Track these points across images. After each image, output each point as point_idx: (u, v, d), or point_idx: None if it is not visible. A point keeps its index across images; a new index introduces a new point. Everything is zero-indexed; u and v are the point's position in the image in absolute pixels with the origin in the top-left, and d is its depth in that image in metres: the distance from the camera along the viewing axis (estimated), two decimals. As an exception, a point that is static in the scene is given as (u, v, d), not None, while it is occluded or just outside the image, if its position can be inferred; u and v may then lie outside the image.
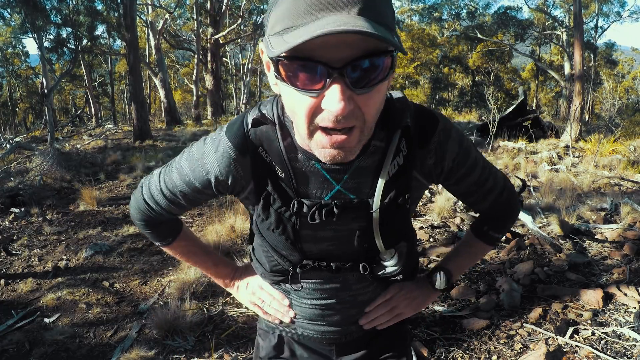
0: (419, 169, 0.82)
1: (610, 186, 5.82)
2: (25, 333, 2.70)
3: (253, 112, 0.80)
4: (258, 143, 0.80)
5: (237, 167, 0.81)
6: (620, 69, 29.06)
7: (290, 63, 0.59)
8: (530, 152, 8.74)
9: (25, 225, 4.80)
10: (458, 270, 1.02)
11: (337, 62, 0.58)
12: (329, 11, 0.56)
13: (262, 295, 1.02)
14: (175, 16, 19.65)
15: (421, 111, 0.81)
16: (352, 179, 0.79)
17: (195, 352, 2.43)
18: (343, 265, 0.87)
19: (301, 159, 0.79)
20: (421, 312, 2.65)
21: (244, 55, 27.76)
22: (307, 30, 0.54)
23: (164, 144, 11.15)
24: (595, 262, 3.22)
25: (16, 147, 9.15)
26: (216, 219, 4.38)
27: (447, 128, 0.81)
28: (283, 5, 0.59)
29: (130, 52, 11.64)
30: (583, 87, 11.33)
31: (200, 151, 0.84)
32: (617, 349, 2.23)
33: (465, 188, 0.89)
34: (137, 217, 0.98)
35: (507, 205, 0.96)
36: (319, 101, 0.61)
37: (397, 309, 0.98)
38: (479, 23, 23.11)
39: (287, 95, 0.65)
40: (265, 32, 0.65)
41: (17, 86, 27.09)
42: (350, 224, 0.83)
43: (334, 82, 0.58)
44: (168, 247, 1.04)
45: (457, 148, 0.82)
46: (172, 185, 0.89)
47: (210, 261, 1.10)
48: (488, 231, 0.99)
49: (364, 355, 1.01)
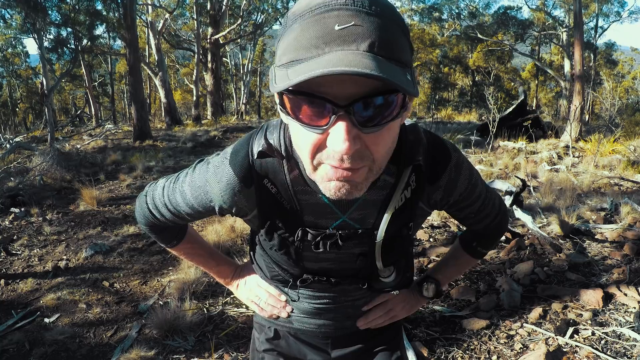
0: (425, 201, 0.82)
1: (610, 186, 5.82)
2: (25, 333, 2.70)
3: (259, 141, 0.76)
4: (264, 174, 0.77)
5: (242, 198, 0.79)
6: (620, 69, 29.05)
7: (294, 97, 0.56)
8: (530, 152, 8.74)
9: (25, 225, 4.80)
10: (446, 280, 1.07)
11: (342, 100, 0.54)
12: (337, 45, 0.52)
13: (259, 292, 1.04)
14: (175, 16, 19.64)
15: (434, 145, 0.78)
16: (358, 211, 0.79)
17: (195, 352, 2.43)
18: (342, 280, 0.90)
19: (308, 191, 0.77)
20: (421, 312, 2.65)
21: (244, 55, 27.77)
22: (309, 67, 0.51)
23: (164, 144, 11.14)
24: (595, 262, 3.22)
25: (16, 147, 9.15)
26: (216, 218, 4.38)
27: (459, 163, 0.80)
28: (291, 35, 0.56)
29: (130, 52, 11.64)
30: (583, 86, 11.33)
31: (203, 179, 0.82)
32: (617, 349, 2.23)
33: (465, 214, 0.91)
34: (142, 222, 0.99)
35: (499, 226, 0.99)
36: (324, 138, 0.57)
37: (393, 312, 1.02)
38: (479, 23, 23.10)
39: (292, 128, 0.62)
40: (274, 60, 0.61)
41: (17, 86, 27.09)
42: (352, 249, 0.84)
43: (339, 120, 0.54)
44: (173, 249, 1.06)
45: (466, 183, 0.82)
46: (175, 204, 0.89)
47: (214, 261, 1.11)
48: (477, 247, 1.03)
49: (359, 349, 1.04)
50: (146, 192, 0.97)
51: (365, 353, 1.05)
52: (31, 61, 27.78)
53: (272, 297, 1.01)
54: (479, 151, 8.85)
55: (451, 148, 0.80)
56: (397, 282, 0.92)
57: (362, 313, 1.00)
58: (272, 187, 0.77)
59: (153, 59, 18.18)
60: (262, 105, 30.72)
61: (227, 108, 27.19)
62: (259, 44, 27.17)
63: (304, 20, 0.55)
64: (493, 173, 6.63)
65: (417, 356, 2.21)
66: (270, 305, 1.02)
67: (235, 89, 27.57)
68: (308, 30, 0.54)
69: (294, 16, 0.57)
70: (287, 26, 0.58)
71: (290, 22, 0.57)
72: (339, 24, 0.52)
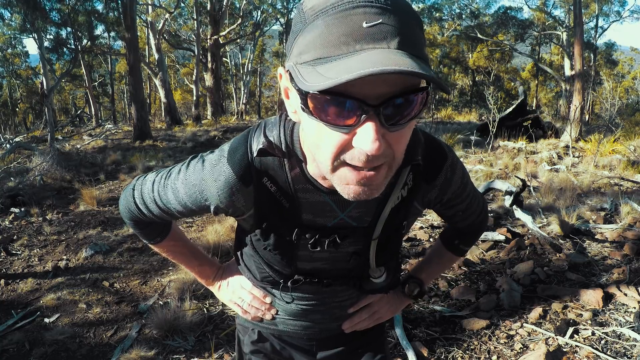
0: (419, 200, 0.84)
1: (610, 186, 5.82)
2: (25, 333, 2.70)
3: (258, 138, 0.75)
4: (263, 172, 0.76)
5: (240, 197, 0.77)
6: (620, 69, 29.05)
7: (321, 97, 0.54)
8: (530, 152, 8.73)
9: (25, 225, 4.80)
10: (429, 279, 1.09)
11: (373, 99, 0.54)
12: (367, 43, 0.52)
13: (242, 294, 1.02)
14: (175, 16, 19.63)
15: (431, 145, 0.80)
16: (357, 209, 0.80)
17: (195, 352, 2.43)
18: (334, 281, 0.90)
19: (309, 189, 0.76)
20: (421, 312, 2.65)
21: (244, 55, 27.77)
22: (349, 66, 0.49)
23: (164, 144, 11.15)
24: (595, 262, 3.22)
25: (16, 147, 9.15)
26: (216, 218, 4.38)
27: (454, 163, 0.83)
28: (314, 31, 0.54)
29: (130, 52, 11.64)
30: (583, 85, 11.33)
31: (198, 176, 0.79)
32: (617, 349, 2.23)
33: (453, 212, 0.93)
34: (126, 216, 0.97)
35: (481, 224, 1.02)
36: (350, 138, 0.56)
37: (378, 314, 1.02)
38: (479, 23, 23.10)
39: (312, 128, 0.60)
40: (290, 57, 0.59)
41: (17, 86, 27.07)
42: (347, 248, 0.85)
43: (369, 120, 0.54)
44: (156, 246, 1.03)
45: (460, 183, 0.85)
46: (166, 201, 0.86)
47: (196, 261, 1.09)
48: (459, 245, 1.05)
49: (343, 351, 1.05)
50: (134, 186, 0.93)
51: (350, 354, 1.05)
52: (31, 61, 27.79)
53: (256, 298, 1.00)
54: (479, 151, 8.85)
55: (447, 148, 0.82)
56: (387, 283, 0.93)
57: (348, 315, 1.00)
58: (271, 186, 0.76)
59: (153, 59, 18.17)
60: (262, 105, 30.73)
61: (227, 108, 27.19)
62: (259, 44, 27.16)
63: (327, 16, 0.53)
64: (493, 173, 6.63)
65: (417, 356, 2.21)
66: (254, 307, 1.00)
67: (235, 89, 27.59)
68: (335, 27, 0.53)
69: (314, 12, 0.55)
70: (307, 22, 0.56)
71: (309, 18, 0.55)
72: (366, 21, 0.52)
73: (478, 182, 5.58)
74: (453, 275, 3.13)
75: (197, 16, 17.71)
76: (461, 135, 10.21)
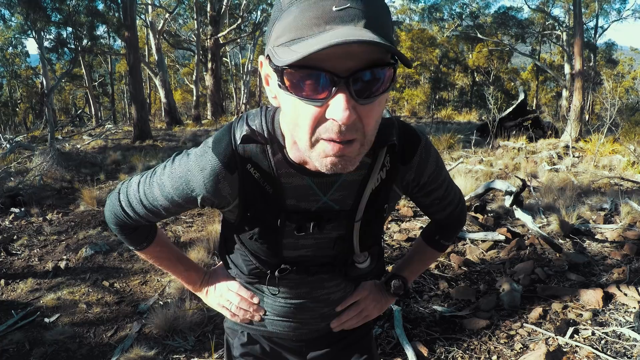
0: (398, 182, 0.88)
1: (610, 186, 5.82)
2: (25, 333, 2.70)
3: (241, 127, 0.78)
4: (247, 159, 0.79)
5: (225, 185, 0.80)
6: (620, 69, 29.04)
7: (295, 72, 0.60)
8: (530, 152, 8.73)
9: (25, 225, 4.80)
10: (412, 276, 1.11)
11: (342, 72, 0.59)
12: (337, 24, 0.57)
13: (229, 296, 1.03)
14: (175, 16, 19.64)
15: (405, 129, 0.84)
16: (338, 192, 0.83)
17: (195, 352, 2.43)
18: (320, 269, 0.92)
19: (291, 174, 0.79)
20: (421, 312, 2.65)
21: (244, 55, 27.76)
22: (318, 41, 0.55)
23: (164, 144, 11.15)
24: (595, 262, 3.22)
25: (16, 147, 9.16)
26: (216, 219, 4.38)
27: (427, 146, 0.86)
28: (289, 17, 0.60)
29: (130, 52, 11.64)
30: (583, 84, 11.32)
31: (184, 168, 0.82)
32: (617, 349, 2.23)
33: (431, 200, 0.96)
34: (112, 222, 0.97)
35: (459, 216, 1.05)
36: (323, 110, 0.61)
37: (365, 312, 1.04)
38: (479, 23, 23.09)
39: (289, 106, 0.65)
40: (268, 43, 0.65)
41: (17, 86, 27.08)
42: (330, 233, 0.87)
43: (339, 92, 0.59)
44: (142, 252, 1.03)
45: (434, 165, 0.88)
46: (152, 198, 0.87)
47: (182, 266, 1.09)
48: (439, 240, 1.07)
49: (331, 351, 1.06)
50: (119, 190, 0.94)
51: (339, 353, 1.07)
52: (31, 61, 27.76)
53: (244, 300, 1.00)
54: (479, 151, 8.85)
55: (420, 133, 0.86)
56: (371, 269, 0.95)
57: (336, 314, 1.01)
58: (255, 172, 0.79)
59: (153, 59, 18.18)
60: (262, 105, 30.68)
61: (227, 108, 27.20)
62: (259, 43, 27.16)
63: (301, 3, 0.59)
64: (493, 173, 6.63)
65: (417, 356, 2.21)
66: (242, 309, 1.01)
67: (235, 89, 27.57)
68: (307, 11, 0.58)
69: (290, 0, 0.61)
70: (283, 10, 0.61)
71: (285, 6, 0.61)
72: (336, 5, 0.57)
73: (478, 182, 5.58)
74: (453, 275, 3.13)
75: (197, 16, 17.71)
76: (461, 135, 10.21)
